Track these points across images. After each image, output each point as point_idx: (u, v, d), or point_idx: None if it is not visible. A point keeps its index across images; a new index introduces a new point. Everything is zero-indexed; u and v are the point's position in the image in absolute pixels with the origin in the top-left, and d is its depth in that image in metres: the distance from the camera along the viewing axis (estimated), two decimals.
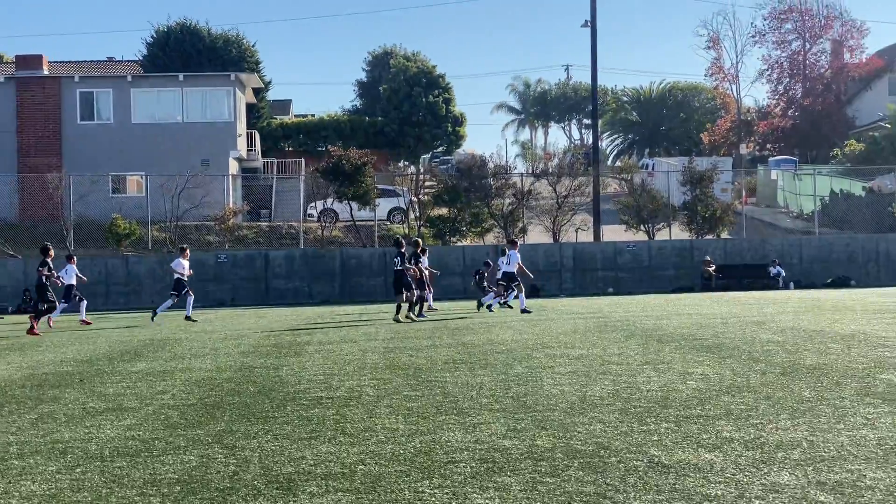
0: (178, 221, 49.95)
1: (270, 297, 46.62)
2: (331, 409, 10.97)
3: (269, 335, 23.47)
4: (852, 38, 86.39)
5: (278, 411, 10.99)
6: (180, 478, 7.81)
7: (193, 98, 60.95)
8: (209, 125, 60.14)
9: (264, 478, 7.71)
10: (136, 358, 18.26)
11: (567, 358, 15.56)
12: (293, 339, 21.66)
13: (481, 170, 52.43)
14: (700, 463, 7.66)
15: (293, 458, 8.39)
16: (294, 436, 9.45)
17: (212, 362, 16.85)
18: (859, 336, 17.82)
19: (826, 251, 50.05)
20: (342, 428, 9.78)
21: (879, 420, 9.21)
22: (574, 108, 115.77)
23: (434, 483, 7.36)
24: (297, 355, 17.65)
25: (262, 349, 19.29)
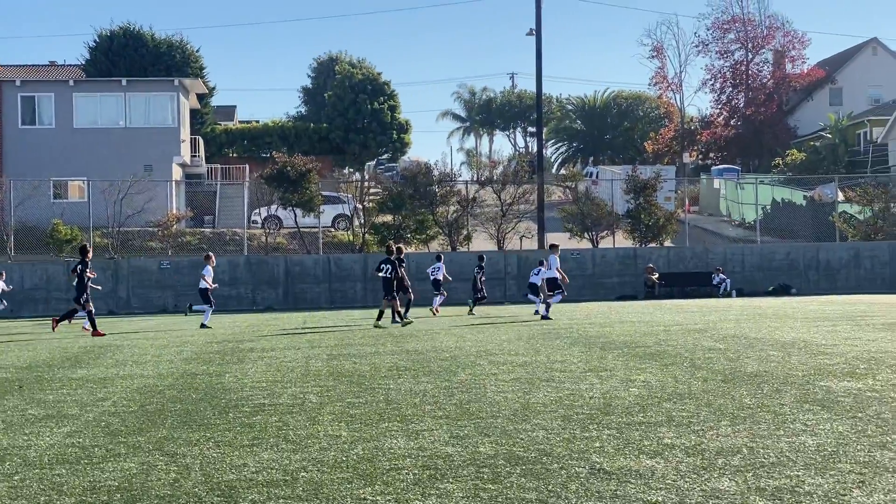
0: (120, 227, 49.47)
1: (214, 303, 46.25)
2: (273, 416, 10.91)
3: (212, 342, 23.30)
4: (794, 48, 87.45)
5: (220, 418, 10.91)
6: (120, 485, 7.73)
7: (136, 103, 60.46)
8: (152, 130, 59.69)
9: (205, 485, 7.64)
10: (77, 365, 18.06)
11: (511, 365, 15.58)
12: (236, 346, 21.52)
13: (426, 177, 52.42)
14: (641, 469, 7.69)
15: (235, 466, 8.33)
16: (236, 443, 9.39)
17: (153, 369, 16.70)
18: (799, 343, 18.00)
19: (768, 259, 50.55)
20: (284, 435, 9.73)
21: (818, 426, 9.31)
22: (519, 115, 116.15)
23: (376, 490, 7.34)
24: (240, 362, 17.54)
25: (204, 356, 19.15)
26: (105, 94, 60.64)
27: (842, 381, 12.48)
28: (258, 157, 72.24)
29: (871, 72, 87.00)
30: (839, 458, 7.90)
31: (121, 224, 49.39)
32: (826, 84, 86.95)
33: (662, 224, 51.87)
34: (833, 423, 9.44)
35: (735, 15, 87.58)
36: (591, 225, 51.86)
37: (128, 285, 46.34)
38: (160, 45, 70.90)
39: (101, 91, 60.95)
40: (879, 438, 8.65)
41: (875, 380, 12.49)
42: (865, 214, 54.07)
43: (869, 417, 9.72)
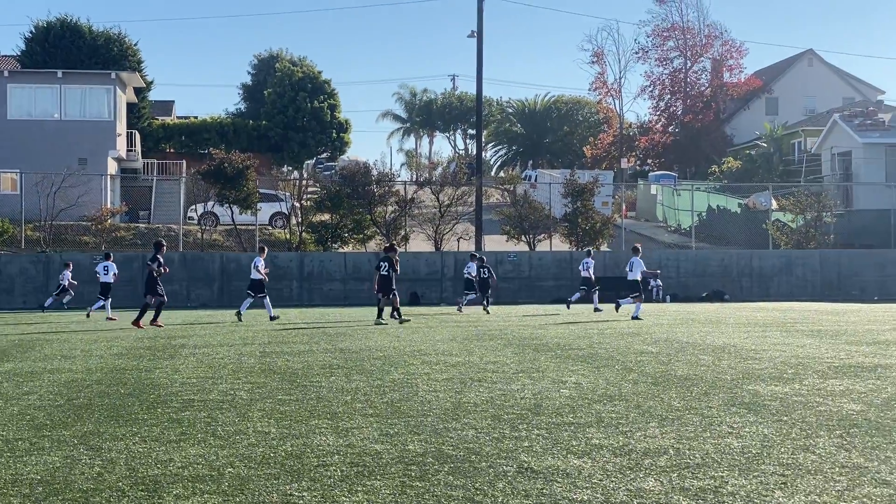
0: (53, 221, 48.84)
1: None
2: (202, 412, 10.83)
3: (144, 337, 23.09)
4: (732, 58, 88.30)
5: (148, 413, 10.81)
6: (43, 478, 7.64)
7: (72, 96, 59.70)
8: (88, 123, 58.96)
9: (129, 479, 7.57)
10: (4, 358, 17.80)
11: (444, 365, 15.60)
12: (168, 342, 21.34)
13: (365, 177, 52.25)
14: (569, 469, 7.73)
15: (160, 461, 8.25)
16: (163, 438, 9.31)
17: (82, 364, 16.50)
18: (729, 348, 18.20)
19: (702, 265, 51.00)
20: (213, 431, 9.66)
21: (744, 429, 9.41)
22: (459, 117, 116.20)
23: (303, 486, 7.31)
24: (172, 358, 17.39)
25: (135, 351, 18.96)
26: (40, 85, 59.82)
27: (769, 385, 12.64)
28: (196, 153, 71.64)
29: (806, 82, 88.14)
30: (763, 459, 7.99)
31: (54, 218, 48.74)
32: (762, 93, 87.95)
33: (599, 228, 52.13)
34: (759, 426, 9.55)
35: (675, 23, 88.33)
36: (528, 228, 52.01)
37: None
38: (98, 37, 70.08)
39: (37, 83, 60.11)
40: (803, 441, 8.76)
41: (801, 384, 12.66)
42: (798, 223, 54.74)
43: (794, 421, 9.85)
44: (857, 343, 19.31)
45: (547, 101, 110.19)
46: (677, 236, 61.52)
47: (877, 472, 7.53)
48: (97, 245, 50.18)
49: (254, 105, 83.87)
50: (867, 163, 62.49)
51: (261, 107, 78.97)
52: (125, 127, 63.71)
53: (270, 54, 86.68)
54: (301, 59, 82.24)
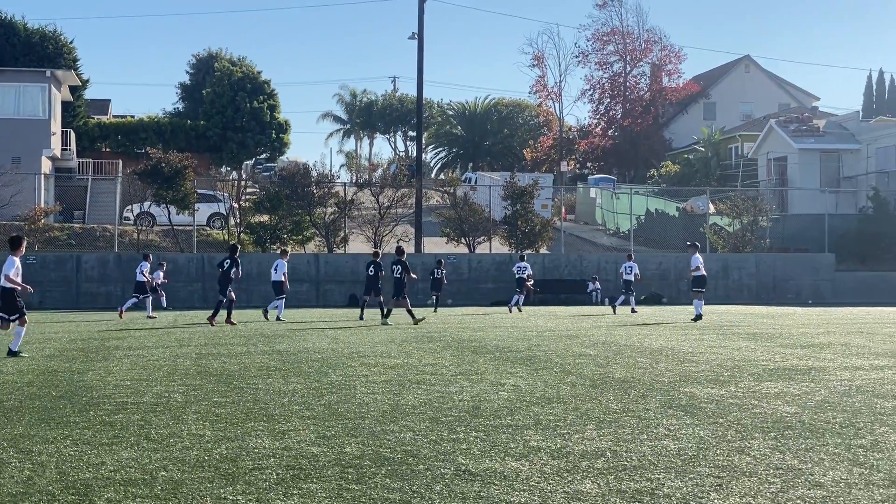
0: None
1: (82, 300, 45.28)
2: (136, 415, 10.69)
3: (77, 339, 22.78)
4: (670, 62, 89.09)
5: (80, 416, 10.65)
6: None
7: (5, 93, 58.84)
8: (21, 122, 58.10)
9: (60, 483, 7.43)
10: None
11: (382, 367, 15.54)
12: (101, 344, 21.06)
13: (304, 178, 52.00)
14: (506, 471, 7.71)
15: (92, 464, 8.12)
16: (95, 441, 9.16)
17: (13, 366, 16.23)
18: (667, 351, 18.32)
19: (640, 268, 51.08)
20: (146, 434, 9.53)
21: (680, 431, 9.45)
22: (400, 119, 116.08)
23: (238, 489, 7.23)
24: (105, 360, 17.16)
25: (68, 353, 18.69)
26: None
27: (705, 387, 12.72)
28: (132, 152, 70.79)
29: (743, 88, 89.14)
30: (699, 461, 8.02)
31: None
32: (700, 98, 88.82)
33: (539, 231, 52.31)
34: (695, 428, 9.60)
35: (615, 27, 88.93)
36: (468, 230, 52.08)
37: None
38: (32, 34, 69.10)
39: None
40: (738, 443, 8.81)
41: (737, 387, 12.75)
42: (735, 227, 55.30)
43: (729, 423, 9.91)
44: (791, 346, 19.52)
45: (487, 103, 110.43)
46: (616, 239, 61.88)
47: (810, 473, 7.59)
48: (30, 245, 49.48)
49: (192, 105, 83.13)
50: (802, 168, 63.28)
51: (199, 106, 78.28)
52: (60, 126, 62.88)
53: (209, 54, 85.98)
54: (240, 58, 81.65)
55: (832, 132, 66.16)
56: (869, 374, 14.26)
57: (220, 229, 54.35)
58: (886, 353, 17.75)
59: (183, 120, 77.80)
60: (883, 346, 19.68)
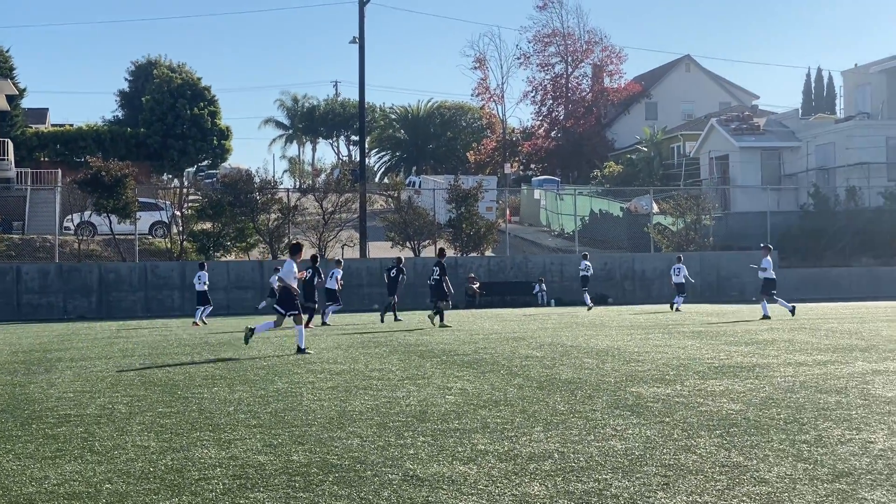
0: None
1: (22, 312, 44.70)
2: (79, 427, 10.56)
3: (18, 352, 22.47)
4: (612, 63, 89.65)
5: (22, 430, 10.50)
6: None
7: None
8: None
9: (3, 498, 7.32)
10: None
11: (329, 373, 15.48)
12: (43, 356, 20.80)
13: (247, 184, 51.70)
14: (454, 475, 7.69)
15: (35, 478, 8.01)
16: (38, 455, 9.04)
17: None
18: (613, 351, 18.40)
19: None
20: (90, 446, 9.41)
21: (627, 431, 9.49)
22: (342, 124, 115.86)
23: (184, 500, 7.16)
24: (47, 372, 16.95)
25: (8, 366, 18.43)
26: None
27: (651, 386, 12.78)
28: (72, 161, 70.02)
29: (684, 87, 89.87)
30: (646, 461, 8.05)
31: None
32: (642, 98, 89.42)
33: (484, 233, 52.38)
34: (641, 428, 9.63)
35: (555, 29, 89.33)
36: (412, 234, 52.02)
37: None
38: None
39: None
40: (685, 442, 8.85)
41: (683, 385, 12.83)
42: (678, 226, 55.67)
43: (675, 422, 9.96)
44: (736, 343, 19.68)
45: (430, 106, 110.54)
46: (561, 240, 62.10)
47: (756, 470, 7.64)
48: None
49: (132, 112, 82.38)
50: (744, 166, 63.86)
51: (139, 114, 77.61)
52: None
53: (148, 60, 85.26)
54: (180, 65, 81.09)
55: (772, 130, 66.87)
56: (812, 370, 14.40)
57: (162, 237, 53.89)
58: (829, 349, 17.94)
59: (123, 128, 77.08)
60: (826, 341, 19.90)
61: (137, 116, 78.11)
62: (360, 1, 54.81)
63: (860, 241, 53.89)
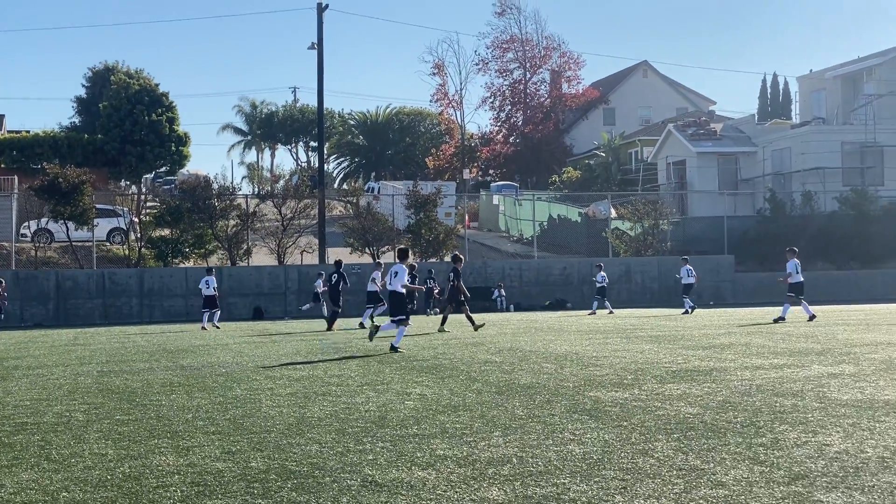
0: None
1: None
2: (36, 435, 10.47)
3: None
4: (570, 69, 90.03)
5: None
6: None
7: None
8: None
9: None
10: None
11: (287, 380, 15.44)
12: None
13: (205, 190, 51.50)
14: (413, 481, 7.70)
15: None
16: None
17: None
18: (571, 356, 18.46)
19: (544, 274, 51.71)
20: (47, 454, 9.34)
21: (586, 435, 9.53)
22: (301, 130, 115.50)
23: None
24: (3, 380, 16.80)
25: None
26: None
27: (610, 391, 12.84)
28: (28, 168, 69.36)
29: (641, 93, 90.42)
30: (604, 465, 8.10)
31: None
32: (600, 104, 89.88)
33: (443, 239, 52.44)
34: (600, 432, 9.68)
35: (514, 35, 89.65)
36: (372, 240, 51.98)
37: None
38: None
39: None
40: (642, 446, 8.91)
41: (641, 389, 12.90)
42: (636, 231, 55.97)
43: (633, 426, 10.02)
44: (693, 347, 19.81)
45: (389, 112, 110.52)
46: (520, 246, 62.24)
47: (713, 473, 7.69)
48: None
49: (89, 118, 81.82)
50: (701, 171, 64.33)
51: (96, 120, 77.03)
52: None
53: (106, 66, 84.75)
54: (137, 71, 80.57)
55: (729, 136, 67.40)
56: (769, 374, 14.52)
57: (120, 244, 53.55)
58: (785, 352, 18.10)
59: (80, 134, 76.49)
60: (782, 345, 20.07)
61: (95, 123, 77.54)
62: (318, 7, 54.77)
63: (816, 246, 54.38)
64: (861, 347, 18.83)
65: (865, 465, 7.87)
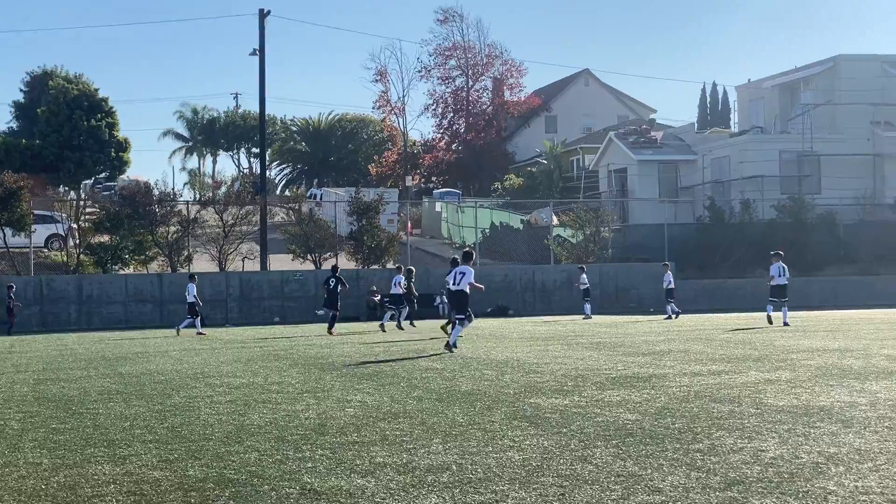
0: None
1: None
2: None
3: None
4: (512, 77, 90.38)
5: None
6: None
7: None
8: None
9: None
10: None
11: (227, 387, 15.34)
12: None
13: (146, 197, 51.04)
14: (352, 488, 7.69)
15: None
16: None
17: None
18: (512, 362, 18.52)
19: (486, 281, 51.31)
20: None
21: (525, 442, 9.56)
22: (243, 136, 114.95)
23: None
24: None
25: None
26: None
27: (550, 398, 12.89)
28: None
29: (583, 101, 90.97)
30: (543, 471, 8.12)
31: None
32: (542, 112, 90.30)
33: (385, 246, 52.35)
34: (539, 439, 9.71)
35: (456, 42, 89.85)
36: (314, 246, 51.78)
37: None
38: None
39: None
40: (581, 452, 8.95)
41: (581, 396, 12.96)
42: (578, 238, 56.21)
43: (573, 432, 10.06)
44: (633, 354, 19.95)
45: (331, 119, 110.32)
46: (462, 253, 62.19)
47: (650, 479, 7.75)
48: None
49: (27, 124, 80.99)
50: (641, 179, 64.79)
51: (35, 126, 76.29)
52: None
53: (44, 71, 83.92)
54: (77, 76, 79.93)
55: (669, 144, 67.95)
56: (707, 380, 14.65)
57: (58, 251, 52.92)
58: (724, 359, 18.27)
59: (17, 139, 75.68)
60: (720, 351, 20.26)
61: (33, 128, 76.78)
62: (260, 13, 54.53)
63: (754, 253, 54.89)
64: (798, 354, 19.07)
65: (800, 470, 7.96)
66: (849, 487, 7.32)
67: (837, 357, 18.11)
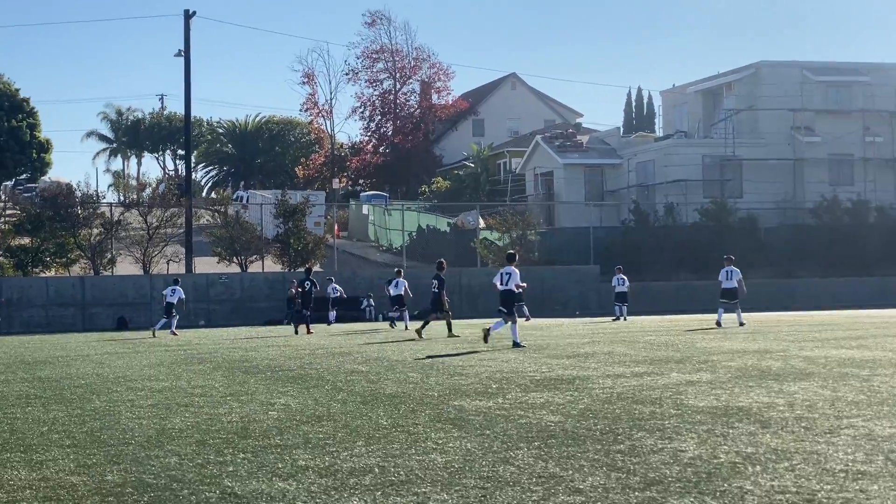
0: None
1: None
2: None
3: None
4: (439, 80, 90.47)
5: None
6: None
7: None
8: None
9: None
10: None
11: (149, 391, 15.18)
12: None
13: (68, 198, 50.44)
14: (273, 492, 7.64)
15: None
16: None
17: None
18: (437, 365, 18.54)
19: (413, 284, 51.59)
20: None
21: (448, 444, 9.56)
22: (168, 138, 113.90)
23: None
24: None
25: None
26: None
27: (474, 400, 12.92)
28: None
29: (510, 105, 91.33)
30: (465, 473, 8.13)
31: None
32: (469, 115, 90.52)
33: (312, 248, 52.21)
34: (462, 441, 9.72)
35: (383, 45, 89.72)
36: (240, 249, 51.49)
37: None
38: None
39: None
40: (504, 454, 8.97)
41: (504, 398, 13.00)
42: (504, 241, 56.42)
43: (496, 434, 10.08)
44: (557, 356, 20.05)
45: (258, 121, 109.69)
46: (389, 255, 62.29)
47: (571, 480, 7.78)
48: None
49: None
50: (568, 182, 65.23)
51: None
52: None
53: None
54: None
55: (595, 147, 68.48)
56: (629, 382, 14.77)
57: None
58: (646, 361, 18.44)
59: None
60: (643, 353, 20.45)
61: None
62: (185, 13, 54.08)
63: (678, 256, 55.55)
64: (719, 355, 19.30)
65: (718, 470, 8.05)
66: (765, 487, 7.41)
67: (757, 358, 18.35)
